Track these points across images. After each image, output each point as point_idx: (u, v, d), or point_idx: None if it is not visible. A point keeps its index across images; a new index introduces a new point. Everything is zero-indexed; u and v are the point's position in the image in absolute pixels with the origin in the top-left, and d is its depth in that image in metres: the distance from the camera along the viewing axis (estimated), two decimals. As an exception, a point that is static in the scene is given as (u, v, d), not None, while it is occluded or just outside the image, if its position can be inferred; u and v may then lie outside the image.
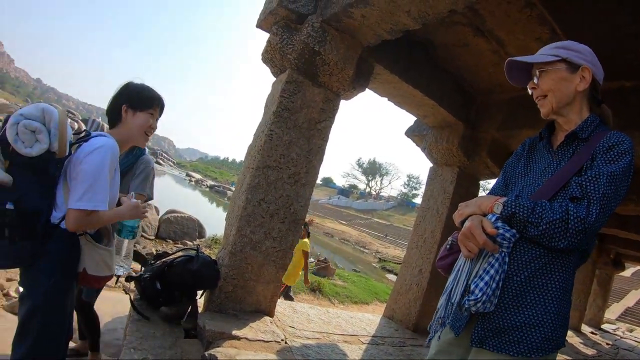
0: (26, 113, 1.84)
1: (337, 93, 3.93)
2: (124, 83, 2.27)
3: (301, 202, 3.85)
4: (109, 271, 2.17)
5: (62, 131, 1.88)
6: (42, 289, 1.95)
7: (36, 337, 1.95)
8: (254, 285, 3.73)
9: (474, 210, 1.59)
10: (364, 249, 35.36)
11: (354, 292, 7.45)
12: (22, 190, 1.81)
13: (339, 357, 3.52)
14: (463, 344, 1.62)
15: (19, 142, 1.78)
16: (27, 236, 1.84)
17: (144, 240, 11.89)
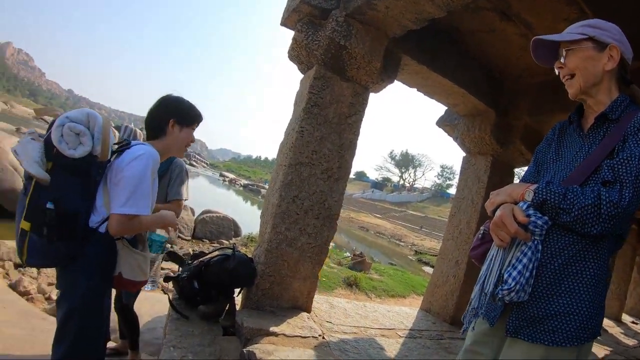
0: (72, 116, 1.92)
1: (365, 86, 3.91)
2: (167, 97, 2.36)
3: (335, 197, 3.84)
4: (143, 276, 2.22)
5: (105, 136, 1.96)
6: (79, 292, 2.00)
7: (74, 339, 2.01)
8: (290, 281, 3.75)
9: (505, 199, 1.56)
10: (400, 241, 35.13)
11: (390, 286, 7.41)
12: (62, 192, 1.87)
13: (377, 351, 3.51)
14: (498, 334, 1.59)
15: (63, 143, 1.84)
16: (65, 237, 1.90)
17: (180, 240, 12.10)
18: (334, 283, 6.69)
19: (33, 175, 1.81)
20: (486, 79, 4.77)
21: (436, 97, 4.93)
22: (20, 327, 4.07)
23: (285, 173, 3.62)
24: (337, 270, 7.86)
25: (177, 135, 2.32)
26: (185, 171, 3.38)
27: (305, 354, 2.99)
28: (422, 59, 4.13)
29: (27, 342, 3.81)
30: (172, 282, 3.85)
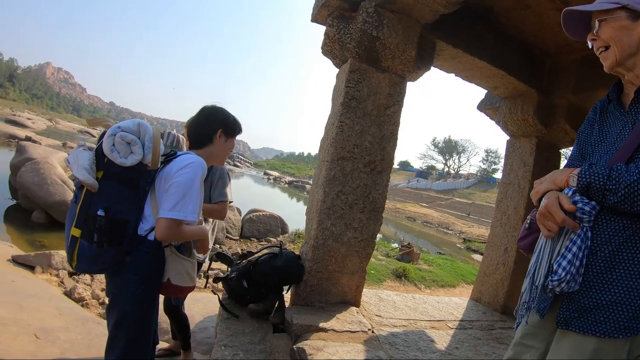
0: (123, 126, 1.99)
1: (402, 76, 3.86)
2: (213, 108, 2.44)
3: (379, 189, 3.82)
4: (191, 282, 2.26)
5: (155, 145, 2.02)
6: (129, 298, 2.07)
7: (125, 345, 2.09)
8: (338, 276, 3.75)
9: (550, 187, 1.50)
10: (448, 230, 34.61)
11: (440, 276, 7.30)
12: (112, 200, 1.94)
13: (426, 344, 3.47)
14: (549, 326, 1.54)
15: (115, 152, 1.91)
16: (114, 243, 1.96)
17: (229, 240, 12.29)
18: (382, 275, 6.65)
19: (81, 180, 1.87)
20: (525, 58, 4.61)
21: (475, 80, 4.81)
22: (76, 333, 4.23)
23: (327, 169, 3.62)
24: (385, 262, 7.81)
25: (223, 145, 2.41)
26: (226, 173, 3.41)
27: (355, 349, 2.98)
28: (457, 43, 4.03)
29: (83, 346, 3.96)
30: (221, 282, 3.92)
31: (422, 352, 3.29)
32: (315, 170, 4.04)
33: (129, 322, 2.08)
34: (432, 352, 3.34)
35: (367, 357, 2.90)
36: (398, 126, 3.88)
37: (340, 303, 3.79)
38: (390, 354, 3.13)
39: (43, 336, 3.98)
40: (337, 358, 2.78)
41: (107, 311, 2.19)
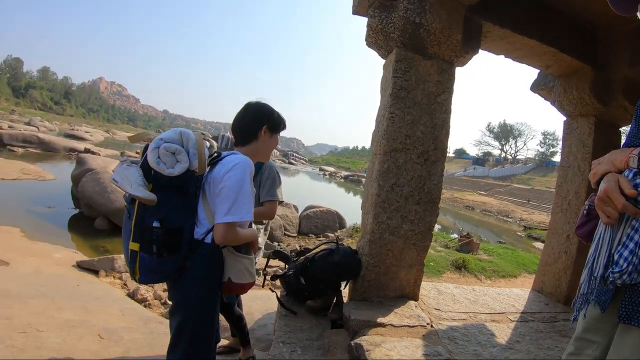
0: (166, 137, 2.03)
1: (450, 61, 3.75)
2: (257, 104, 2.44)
3: (434, 180, 3.74)
4: (251, 278, 2.28)
5: (200, 150, 2.04)
6: (192, 301, 2.11)
7: (188, 346, 2.13)
8: (396, 270, 3.71)
9: (608, 168, 1.38)
10: (507, 218, 33.78)
11: (500, 266, 7.07)
12: (166, 209, 1.97)
13: (487, 338, 3.36)
14: (610, 320, 1.40)
15: (162, 164, 1.95)
16: (173, 251, 2.00)
17: (287, 238, 12.43)
18: (442, 267, 6.51)
19: (142, 198, 1.91)
20: (576, 33, 4.35)
21: (526, 60, 4.58)
22: (139, 332, 4.38)
23: (381, 161, 3.58)
24: (444, 253, 7.66)
25: (267, 141, 2.42)
26: (275, 172, 3.41)
27: (413, 345, 2.92)
28: (504, 22, 3.87)
29: (146, 345, 4.11)
30: (279, 279, 3.97)
31: (482, 347, 3.18)
32: (369, 164, 3.99)
33: (192, 324, 2.13)
34: (492, 346, 3.23)
35: (426, 352, 2.83)
36: (450, 114, 3.78)
37: (398, 297, 3.73)
38: (450, 349, 3.05)
39: (107, 336, 4.15)
40: (394, 354, 2.73)
41: (171, 314, 2.24)
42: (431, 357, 2.77)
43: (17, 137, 29.25)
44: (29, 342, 3.81)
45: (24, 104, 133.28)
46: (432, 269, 6.29)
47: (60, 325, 4.25)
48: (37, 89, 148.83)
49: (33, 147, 28.90)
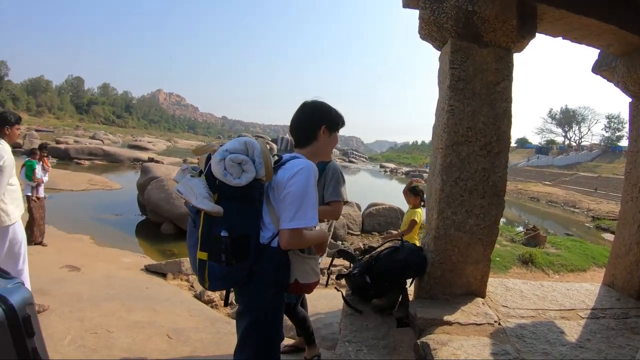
0: (230, 148, 2.02)
1: (507, 48, 3.61)
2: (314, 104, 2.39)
3: (498, 172, 3.61)
4: (316, 277, 2.28)
5: (266, 159, 2.03)
6: (260, 305, 2.12)
7: (256, 348, 2.14)
8: (462, 266, 3.62)
9: None
10: (574, 208, 32.51)
11: (568, 259, 6.79)
12: (232, 218, 1.96)
13: (556, 336, 3.19)
14: None
15: (228, 176, 1.94)
16: (242, 259, 2.00)
17: (350, 236, 12.49)
18: (508, 262, 6.34)
19: (208, 211, 1.91)
20: (636, 8, 4.07)
21: (585, 41, 4.31)
22: (206, 332, 4.50)
23: (443, 155, 3.51)
24: (510, 247, 7.45)
25: (327, 140, 2.37)
26: (339, 172, 3.39)
27: (480, 343, 2.84)
28: (559, 3, 3.64)
29: (212, 344, 4.22)
30: (344, 278, 3.96)
31: (551, 345, 3.03)
32: (431, 158, 3.93)
33: (259, 327, 2.14)
34: (561, 344, 3.07)
35: (493, 351, 2.74)
36: (511, 102, 3.64)
37: (465, 294, 3.63)
38: (518, 348, 2.93)
39: (175, 336, 4.27)
40: (462, 353, 2.66)
41: (238, 318, 2.26)
42: (499, 356, 2.69)
43: (83, 151, 30.79)
44: (100, 343, 3.99)
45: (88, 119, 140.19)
46: (499, 264, 6.13)
47: (129, 326, 4.43)
48: (99, 105, 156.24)
49: (99, 159, 30.32)
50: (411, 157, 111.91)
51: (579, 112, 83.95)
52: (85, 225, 11.14)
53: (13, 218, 4.27)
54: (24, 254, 4.41)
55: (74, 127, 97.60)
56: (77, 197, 15.20)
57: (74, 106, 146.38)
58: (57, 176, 9.52)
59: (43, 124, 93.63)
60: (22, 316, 1.84)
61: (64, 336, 4.03)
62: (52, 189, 9.44)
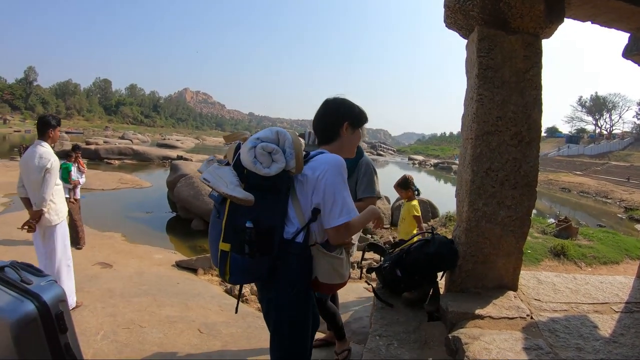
0: (262, 136, 2.01)
1: (535, 34, 3.52)
2: (336, 100, 2.37)
3: (530, 162, 3.52)
4: (340, 279, 2.22)
5: (297, 150, 2.02)
6: (285, 301, 2.10)
7: (288, 343, 2.15)
8: (494, 259, 3.56)
9: None
10: (606, 199, 31.80)
11: (601, 252, 6.60)
12: (258, 209, 1.93)
13: (589, 330, 3.10)
14: None
15: (258, 164, 1.92)
16: (266, 251, 1.97)
17: (380, 229, 12.44)
18: (539, 254, 6.21)
19: (240, 199, 1.88)
20: None
21: (614, 24, 4.16)
22: (237, 326, 4.55)
23: (473, 146, 3.45)
24: (542, 240, 7.30)
25: (350, 137, 2.34)
26: (372, 167, 3.39)
27: (513, 337, 2.77)
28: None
29: (243, 338, 4.26)
30: (375, 272, 3.94)
31: (584, 340, 2.95)
32: (461, 149, 3.86)
33: (289, 322, 2.14)
34: (595, 339, 2.98)
35: (526, 345, 2.67)
36: (541, 90, 3.54)
37: (496, 288, 3.57)
38: (550, 342, 2.85)
39: (206, 331, 4.34)
40: (493, 347, 2.60)
41: (266, 315, 2.26)
42: (531, 350, 2.62)
43: (113, 151, 31.36)
44: (132, 337, 4.09)
45: (116, 120, 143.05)
46: (530, 257, 6.02)
47: (161, 321, 4.52)
48: (127, 105, 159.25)
49: (128, 158, 30.84)
50: (439, 148, 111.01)
51: (609, 99, 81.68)
52: (116, 223, 11.37)
53: (62, 216, 4.57)
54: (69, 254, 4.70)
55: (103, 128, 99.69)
56: (108, 196, 15.50)
57: (103, 108, 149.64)
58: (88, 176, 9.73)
59: (73, 126, 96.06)
60: (55, 312, 1.89)
61: (97, 331, 4.15)
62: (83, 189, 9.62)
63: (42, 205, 4.31)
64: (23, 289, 1.86)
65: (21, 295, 1.82)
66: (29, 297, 1.82)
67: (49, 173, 4.31)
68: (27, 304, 1.79)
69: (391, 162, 68.36)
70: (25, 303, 1.80)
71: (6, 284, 1.86)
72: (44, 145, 4.43)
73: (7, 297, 1.80)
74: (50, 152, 4.41)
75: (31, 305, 1.80)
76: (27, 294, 1.84)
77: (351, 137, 2.35)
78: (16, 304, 1.78)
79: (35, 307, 1.81)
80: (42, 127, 4.47)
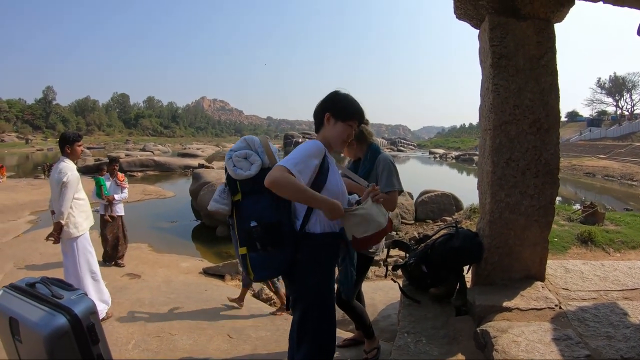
0: (234, 147, 2.31)
1: (546, 19, 3.47)
2: (332, 91, 2.47)
3: (550, 149, 3.48)
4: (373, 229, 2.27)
5: (266, 147, 2.31)
6: (308, 290, 2.24)
7: (313, 337, 2.25)
8: (519, 250, 3.52)
9: None
10: (632, 181, 31.10)
11: (630, 236, 6.44)
12: (258, 210, 2.17)
13: (619, 317, 3.04)
14: None
15: (238, 170, 2.19)
16: (277, 244, 2.16)
17: (404, 226, 12.46)
18: (566, 242, 6.11)
19: (214, 211, 2.25)
20: None
21: (626, 3, 4.06)
22: (266, 330, 4.59)
23: (492, 137, 3.43)
24: (568, 227, 7.18)
25: (333, 128, 2.39)
26: (390, 162, 3.38)
27: (541, 329, 2.76)
28: (595, -35, 3.50)
29: (272, 341, 4.30)
30: (400, 269, 3.95)
31: (614, 328, 2.88)
32: (480, 141, 3.84)
33: (312, 313, 2.25)
34: (625, 327, 2.91)
35: (555, 336, 2.66)
36: (556, 75, 3.50)
37: (523, 279, 3.53)
38: (580, 332, 2.81)
39: (235, 335, 4.39)
40: (522, 339, 2.60)
41: (292, 308, 2.37)
42: (561, 341, 2.61)
43: (135, 163, 31.70)
44: (162, 345, 4.16)
45: (136, 132, 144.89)
46: (557, 245, 5.93)
47: (191, 328, 4.59)
48: (146, 118, 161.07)
49: (151, 169, 31.19)
50: (460, 140, 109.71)
51: (628, 79, 79.23)
52: (142, 233, 11.51)
53: (81, 230, 4.63)
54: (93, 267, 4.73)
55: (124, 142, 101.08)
56: (133, 208, 15.65)
57: (122, 121, 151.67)
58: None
59: (94, 141, 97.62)
60: (87, 325, 1.95)
61: (128, 341, 4.23)
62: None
63: (60, 218, 4.43)
64: (55, 303, 1.93)
65: (53, 310, 1.90)
66: (60, 311, 1.90)
67: (65, 187, 4.44)
68: (59, 318, 1.87)
69: (412, 157, 68.05)
70: (57, 317, 1.87)
71: (38, 299, 1.94)
72: (65, 160, 4.58)
73: (40, 312, 1.87)
74: (68, 167, 4.55)
75: (63, 318, 1.87)
76: (59, 308, 1.92)
77: (334, 129, 2.38)
78: (49, 318, 1.86)
79: (67, 320, 1.87)
80: (61, 144, 4.65)
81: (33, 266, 7.26)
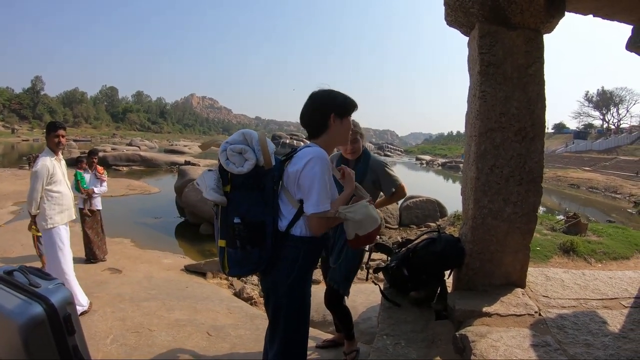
0: (230, 140, 2.21)
1: (536, 29, 3.51)
2: (320, 93, 2.41)
3: (534, 157, 3.51)
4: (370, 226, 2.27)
5: (263, 146, 2.18)
6: (281, 288, 2.25)
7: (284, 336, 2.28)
8: (500, 256, 3.54)
9: None
10: (615, 194, 31.47)
11: (611, 247, 6.55)
12: (245, 206, 2.14)
13: (598, 326, 3.08)
14: None
15: (231, 164, 2.12)
16: (257, 244, 2.15)
17: (388, 230, 12.50)
18: (548, 251, 6.18)
19: (211, 200, 2.14)
20: None
21: (616, 17, 4.11)
22: (245, 329, 4.59)
23: (477, 143, 3.45)
24: (550, 236, 7.27)
25: (339, 127, 2.38)
26: (382, 163, 3.53)
27: (520, 334, 2.78)
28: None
29: (252, 340, 4.30)
30: (382, 272, 3.96)
31: (593, 336, 2.92)
32: (465, 147, 3.86)
33: (285, 311, 2.26)
34: (604, 335, 2.96)
35: (534, 342, 2.68)
36: (543, 86, 3.53)
37: (504, 285, 3.55)
38: (559, 339, 2.84)
39: (215, 333, 4.39)
40: (501, 344, 2.61)
41: (265, 306, 2.42)
42: (540, 347, 2.63)
43: (121, 157, 31.46)
44: (141, 341, 4.15)
45: (124, 127, 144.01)
46: (539, 254, 5.99)
47: (170, 325, 4.57)
48: (134, 112, 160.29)
49: (136, 164, 30.98)
50: (447, 148, 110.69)
51: (616, 94, 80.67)
52: (125, 228, 11.40)
53: (51, 223, 4.56)
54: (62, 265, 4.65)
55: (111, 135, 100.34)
56: (117, 202, 15.54)
57: (110, 115, 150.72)
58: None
59: (81, 134, 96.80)
60: (63, 315, 1.93)
61: (106, 335, 4.21)
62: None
63: (29, 208, 4.44)
64: (31, 291, 1.91)
65: (29, 298, 1.88)
66: (37, 300, 1.87)
67: (33, 176, 4.41)
68: (35, 307, 1.85)
69: (399, 163, 68.26)
70: (34, 305, 1.85)
71: (15, 287, 1.92)
72: (46, 150, 4.58)
73: (16, 300, 1.85)
74: (44, 158, 4.51)
75: (39, 307, 1.85)
76: (36, 297, 1.89)
77: (340, 127, 2.39)
78: (25, 306, 1.84)
79: (43, 309, 1.85)
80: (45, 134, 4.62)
81: (14, 257, 7.22)
